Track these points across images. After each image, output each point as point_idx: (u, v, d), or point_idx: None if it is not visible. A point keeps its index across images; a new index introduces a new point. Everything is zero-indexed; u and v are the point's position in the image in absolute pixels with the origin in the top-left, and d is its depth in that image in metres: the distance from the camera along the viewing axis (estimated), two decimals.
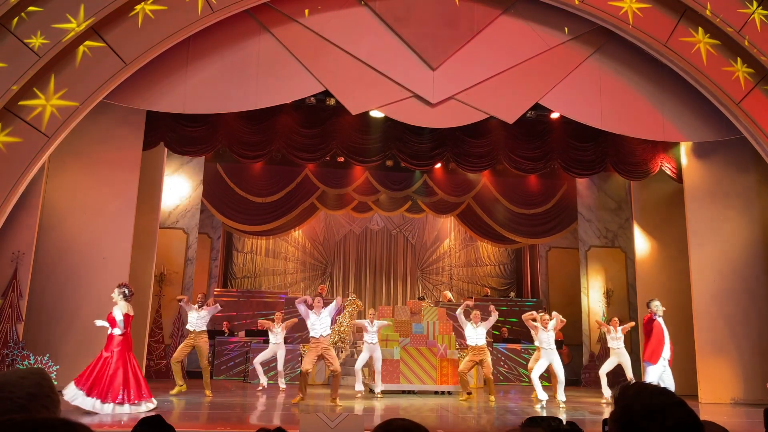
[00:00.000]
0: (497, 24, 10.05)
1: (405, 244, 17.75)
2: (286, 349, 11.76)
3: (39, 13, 8.36)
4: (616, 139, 12.13)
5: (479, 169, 13.64)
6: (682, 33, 9.67)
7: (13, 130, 8.36)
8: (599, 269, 14.92)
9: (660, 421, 1.31)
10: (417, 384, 11.41)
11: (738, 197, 11.39)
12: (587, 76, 10.29)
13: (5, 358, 8.81)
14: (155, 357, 13.08)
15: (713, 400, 10.69)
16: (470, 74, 9.98)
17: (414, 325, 12.05)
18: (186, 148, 11.71)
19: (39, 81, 8.43)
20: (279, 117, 11.85)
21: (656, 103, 10.38)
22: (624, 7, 9.60)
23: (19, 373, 1.21)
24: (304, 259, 17.26)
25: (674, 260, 12.57)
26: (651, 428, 1.31)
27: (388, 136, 12.27)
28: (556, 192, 15.85)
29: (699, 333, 10.98)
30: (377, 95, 9.91)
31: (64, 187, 10.25)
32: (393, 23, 9.80)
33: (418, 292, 17.42)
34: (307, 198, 15.18)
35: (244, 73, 9.66)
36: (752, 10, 9.54)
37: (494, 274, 17.97)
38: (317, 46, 9.71)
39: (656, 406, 1.33)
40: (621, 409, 1.37)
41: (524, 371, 13.76)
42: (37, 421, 0.97)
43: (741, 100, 9.62)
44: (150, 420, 2.41)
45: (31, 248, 9.56)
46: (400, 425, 1.49)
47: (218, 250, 15.30)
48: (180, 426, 6.15)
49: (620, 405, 1.37)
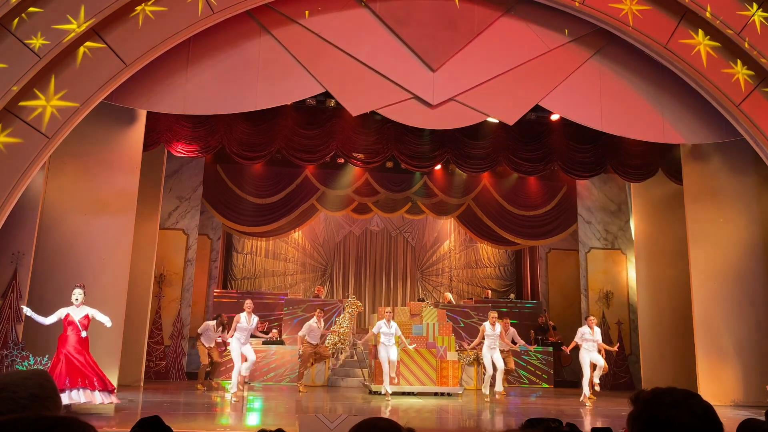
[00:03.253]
0: (497, 25, 10.05)
1: (405, 245, 17.74)
2: (287, 350, 11.82)
3: (39, 14, 8.36)
4: (616, 141, 12.14)
5: (479, 171, 13.66)
6: (682, 35, 9.67)
7: (13, 130, 8.35)
8: (599, 271, 14.92)
9: (687, 409, 1.38)
10: (417, 385, 11.40)
11: (738, 199, 11.40)
12: (587, 77, 10.29)
13: (5, 358, 8.80)
14: (155, 358, 13.07)
15: (713, 401, 10.64)
16: (470, 76, 9.98)
17: (414, 326, 12.05)
18: (186, 149, 11.73)
19: (39, 82, 8.42)
20: (279, 118, 11.86)
21: (656, 105, 10.39)
22: (624, 8, 9.61)
23: (22, 374, 1.21)
24: (304, 260, 17.25)
25: (674, 262, 12.58)
26: (679, 415, 1.37)
27: (388, 138, 12.29)
28: (556, 194, 15.85)
29: (699, 334, 10.97)
30: (377, 96, 9.91)
31: (64, 188, 10.24)
32: (393, 24, 9.80)
33: (417, 293, 17.41)
34: (307, 199, 15.18)
35: (244, 74, 9.66)
36: (752, 12, 9.54)
37: (494, 275, 17.96)
38: (317, 48, 9.71)
39: (681, 397, 1.41)
40: (646, 403, 1.41)
41: (524, 373, 13.76)
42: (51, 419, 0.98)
43: (741, 102, 9.62)
44: (149, 420, 2.43)
45: (30, 249, 9.55)
46: (369, 423, 1.51)
47: (218, 251, 15.29)
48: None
49: (644, 401, 1.42)
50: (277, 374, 12.90)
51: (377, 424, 1.51)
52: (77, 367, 7.66)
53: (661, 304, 12.97)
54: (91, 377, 7.65)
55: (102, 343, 9.15)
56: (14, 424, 0.99)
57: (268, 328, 13.73)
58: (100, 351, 8.90)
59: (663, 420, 1.38)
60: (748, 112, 9.61)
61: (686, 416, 1.37)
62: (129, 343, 10.86)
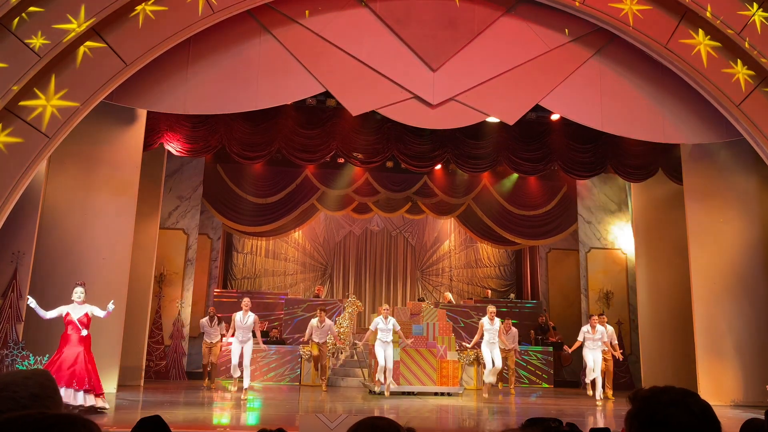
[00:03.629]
0: (498, 25, 10.05)
1: (405, 245, 17.74)
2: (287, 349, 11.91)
3: (40, 13, 8.36)
4: (616, 141, 12.14)
5: (479, 171, 13.66)
6: (683, 35, 9.67)
7: (13, 130, 8.35)
8: (599, 271, 14.92)
9: (685, 408, 1.37)
10: (417, 385, 11.40)
11: (738, 199, 11.40)
12: (588, 77, 10.28)
13: (5, 358, 8.80)
14: (155, 358, 13.07)
15: (713, 401, 10.68)
16: (471, 75, 9.98)
17: (414, 326, 12.05)
18: (186, 148, 11.73)
19: (39, 81, 8.42)
20: (279, 118, 11.86)
21: (656, 105, 10.38)
22: (624, 8, 9.60)
23: (23, 373, 1.21)
24: (304, 260, 17.25)
25: (674, 262, 12.57)
26: (677, 414, 1.36)
27: (388, 137, 12.29)
28: (556, 194, 15.85)
29: (699, 334, 10.97)
30: (377, 96, 9.91)
31: (64, 188, 10.24)
32: (393, 24, 9.80)
33: (418, 293, 17.41)
34: (307, 199, 15.18)
35: (244, 74, 9.66)
36: (753, 12, 9.54)
37: (494, 275, 17.96)
38: (318, 47, 9.71)
39: (679, 396, 1.40)
40: (644, 402, 1.41)
41: (524, 372, 13.76)
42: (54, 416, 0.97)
43: (741, 102, 9.62)
44: (149, 420, 2.42)
45: (31, 248, 9.55)
46: (368, 423, 1.51)
47: (218, 251, 15.29)
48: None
49: (642, 399, 1.41)
50: (277, 374, 12.91)
51: (376, 423, 1.51)
52: (71, 365, 7.64)
53: (661, 304, 12.97)
54: (81, 377, 7.57)
55: (102, 343, 9.15)
56: (17, 422, 0.99)
57: (269, 328, 13.73)
58: (101, 351, 8.90)
59: (661, 419, 1.38)
60: (748, 112, 9.60)
61: (684, 415, 1.37)
62: (129, 342, 10.86)
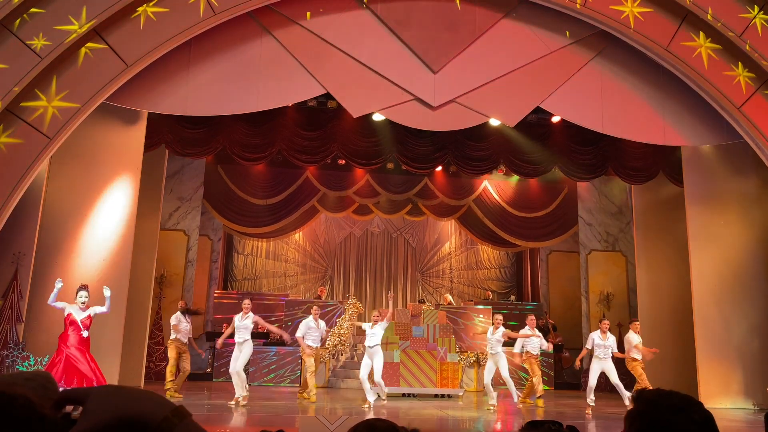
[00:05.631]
0: (498, 27, 10.06)
1: (405, 246, 17.75)
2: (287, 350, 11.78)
3: (41, 14, 8.37)
4: (617, 143, 12.14)
5: (480, 173, 13.66)
6: (684, 37, 9.68)
7: (14, 131, 8.36)
8: (600, 273, 14.91)
9: (687, 415, 1.37)
10: (417, 387, 11.39)
11: (738, 201, 11.39)
12: (588, 79, 10.29)
13: (5, 359, 8.80)
14: (155, 359, 13.07)
15: (713, 403, 10.66)
16: (471, 77, 9.99)
17: (414, 328, 12.05)
18: (187, 149, 11.73)
19: (41, 82, 8.43)
20: (280, 119, 11.86)
21: (657, 107, 10.39)
22: (625, 11, 9.61)
23: (25, 375, 1.21)
24: (305, 261, 17.25)
25: (675, 264, 12.56)
26: (678, 420, 1.36)
27: (388, 139, 12.29)
28: (556, 195, 15.85)
29: (699, 336, 10.96)
30: (378, 98, 9.92)
31: (65, 189, 10.24)
32: (394, 26, 9.80)
33: (418, 295, 17.41)
34: (307, 200, 15.19)
35: (245, 75, 9.67)
36: (753, 15, 9.55)
37: (495, 277, 17.96)
38: (319, 49, 9.72)
39: (683, 403, 1.40)
40: (647, 404, 1.41)
41: (524, 375, 13.74)
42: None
43: (742, 105, 9.62)
44: None
45: (31, 249, 9.55)
46: (367, 425, 1.50)
47: (218, 252, 15.30)
48: None
49: (646, 401, 1.41)
50: (278, 375, 12.90)
51: (375, 425, 1.51)
52: (76, 367, 7.65)
53: (662, 306, 12.95)
54: (90, 379, 7.62)
55: (102, 343, 9.16)
56: None
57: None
58: (101, 351, 8.91)
59: (663, 424, 1.38)
60: (749, 115, 9.61)
61: (686, 423, 1.37)
62: (129, 343, 10.85)
